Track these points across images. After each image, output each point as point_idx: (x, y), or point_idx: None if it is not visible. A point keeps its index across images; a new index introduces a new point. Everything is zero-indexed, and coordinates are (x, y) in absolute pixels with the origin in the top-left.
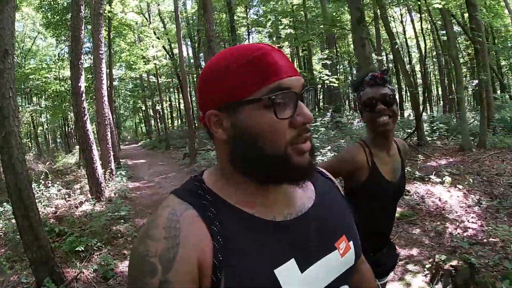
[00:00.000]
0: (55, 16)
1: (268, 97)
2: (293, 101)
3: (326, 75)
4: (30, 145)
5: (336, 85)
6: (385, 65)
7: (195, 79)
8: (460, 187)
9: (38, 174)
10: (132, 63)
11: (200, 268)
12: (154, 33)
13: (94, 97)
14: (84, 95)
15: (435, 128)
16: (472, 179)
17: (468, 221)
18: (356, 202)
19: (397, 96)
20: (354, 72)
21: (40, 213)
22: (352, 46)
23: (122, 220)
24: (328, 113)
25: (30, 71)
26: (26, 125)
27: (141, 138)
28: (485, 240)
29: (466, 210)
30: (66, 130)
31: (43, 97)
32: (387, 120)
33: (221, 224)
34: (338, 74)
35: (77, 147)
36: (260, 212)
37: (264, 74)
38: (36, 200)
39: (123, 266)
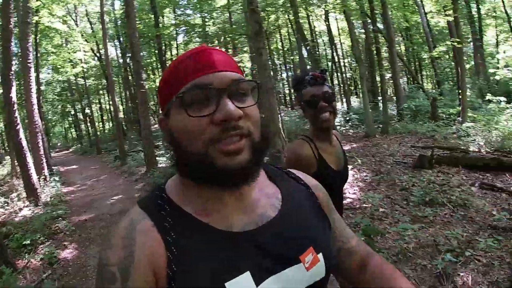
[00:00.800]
0: None
1: (176, 96)
2: (214, 97)
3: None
4: None
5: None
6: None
7: (122, 80)
8: (350, 166)
9: None
10: (59, 66)
11: (156, 278)
12: (82, 35)
13: (24, 104)
14: (16, 105)
15: (348, 119)
16: (365, 160)
17: (349, 192)
18: None
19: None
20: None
21: None
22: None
23: (60, 218)
24: None
25: None
26: None
27: (71, 143)
28: (357, 206)
29: (351, 185)
30: None
31: None
32: (328, 116)
33: (176, 235)
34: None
35: (7, 157)
36: (216, 221)
37: (183, 75)
38: None
39: (65, 254)
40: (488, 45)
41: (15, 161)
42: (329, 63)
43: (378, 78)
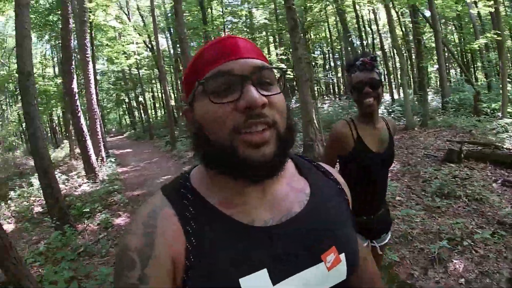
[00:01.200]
0: (38, 17)
1: (199, 82)
2: (237, 84)
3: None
4: (21, 142)
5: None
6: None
7: (173, 70)
8: None
9: (32, 169)
10: (114, 58)
11: (174, 266)
12: (135, 29)
13: (83, 94)
14: (77, 95)
15: (390, 110)
16: (397, 152)
17: None
18: (346, 171)
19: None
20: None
21: None
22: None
23: (116, 192)
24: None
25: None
26: (14, 124)
27: (125, 129)
28: None
29: None
30: (53, 126)
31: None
32: (372, 102)
33: (196, 225)
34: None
35: (66, 141)
36: (239, 214)
37: (207, 63)
38: None
39: (119, 221)
40: None
41: (73, 145)
42: (379, 52)
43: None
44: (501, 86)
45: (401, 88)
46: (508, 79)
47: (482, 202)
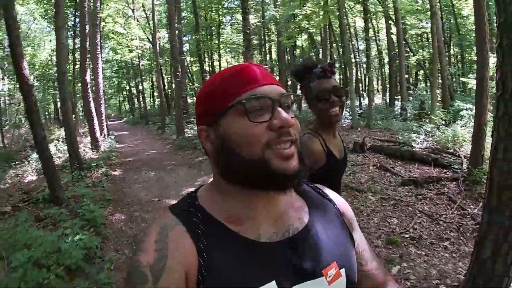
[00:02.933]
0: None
1: (239, 102)
2: (269, 106)
3: None
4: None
5: None
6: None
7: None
8: None
9: (52, 140)
10: (118, 49)
11: (187, 281)
12: (139, 27)
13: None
14: (89, 85)
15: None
16: None
17: None
18: (319, 179)
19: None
20: None
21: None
22: None
23: (114, 157)
24: None
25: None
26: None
27: (124, 115)
28: None
29: None
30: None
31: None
32: (338, 111)
33: (207, 241)
34: None
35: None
36: (245, 230)
37: (239, 85)
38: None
39: (115, 173)
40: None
41: (78, 125)
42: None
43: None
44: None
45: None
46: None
47: (354, 176)
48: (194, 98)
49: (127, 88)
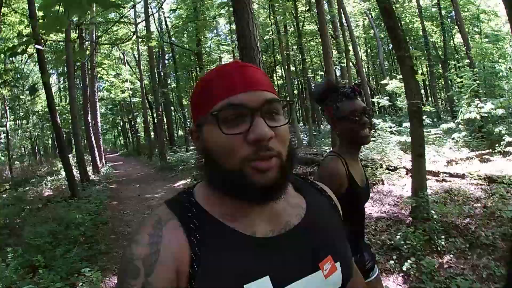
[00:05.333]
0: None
1: (211, 113)
2: (247, 116)
3: None
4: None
5: None
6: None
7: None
8: None
9: (50, 172)
10: (111, 91)
11: (178, 275)
12: (130, 68)
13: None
14: (91, 125)
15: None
16: None
17: None
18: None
19: None
20: None
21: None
22: None
23: (111, 177)
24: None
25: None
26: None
27: (119, 149)
28: None
29: None
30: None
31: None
32: (368, 132)
33: (201, 236)
34: None
35: (70, 155)
36: (241, 226)
37: (214, 92)
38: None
39: (112, 186)
40: None
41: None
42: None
43: None
44: None
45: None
46: None
47: None
48: (182, 127)
49: (121, 123)
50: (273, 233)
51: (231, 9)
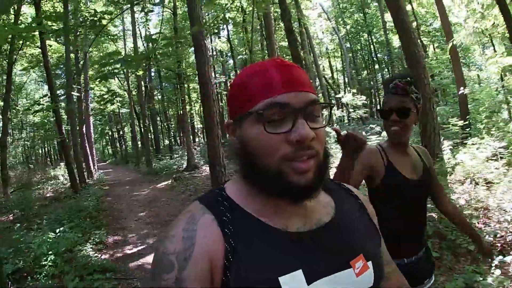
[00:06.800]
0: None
1: (256, 111)
2: (290, 116)
3: None
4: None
5: None
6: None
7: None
8: None
9: (46, 179)
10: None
11: (212, 268)
12: (118, 81)
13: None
14: (86, 137)
15: None
16: None
17: None
18: (378, 203)
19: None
20: None
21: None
22: None
23: (104, 181)
24: None
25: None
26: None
27: (108, 158)
28: None
29: None
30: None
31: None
32: (397, 131)
33: (234, 228)
34: None
35: (62, 164)
36: (273, 221)
37: (258, 90)
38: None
39: (105, 188)
40: None
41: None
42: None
43: None
44: None
45: None
46: None
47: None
48: (167, 136)
49: (110, 133)
50: (304, 228)
51: None
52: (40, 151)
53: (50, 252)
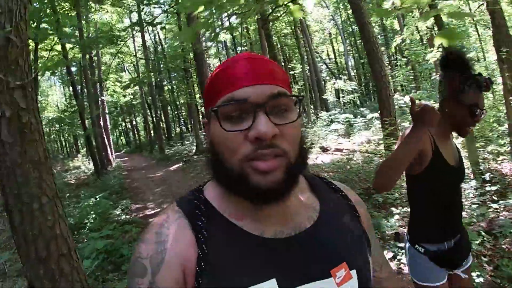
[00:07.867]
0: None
1: (211, 109)
2: (250, 112)
3: None
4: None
5: None
6: None
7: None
8: None
9: (67, 169)
10: (114, 95)
11: (184, 274)
12: (129, 74)
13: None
14: (104, 131)
15: None
16: None
17: None
18: (416, 193)
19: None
20: None
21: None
22: None
23: (121, 168)
24: None
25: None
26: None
27: (122, 148)
28: None
29: None
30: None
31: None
32: (469, 130)
33: (208, 234)
34: None
35: (79, 155)
36: (249, 226)
37: (220, 87)
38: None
39: (124, 173)
40: None
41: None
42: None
43: None
44: None
45: None
46: None
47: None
48: (178, 125)
49: (123, 124)
50: (282, 234)
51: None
52: (55, 145)
53: (92, 212)
